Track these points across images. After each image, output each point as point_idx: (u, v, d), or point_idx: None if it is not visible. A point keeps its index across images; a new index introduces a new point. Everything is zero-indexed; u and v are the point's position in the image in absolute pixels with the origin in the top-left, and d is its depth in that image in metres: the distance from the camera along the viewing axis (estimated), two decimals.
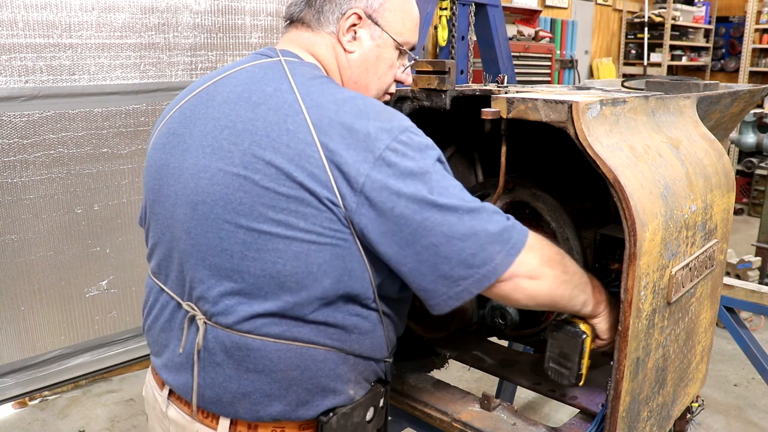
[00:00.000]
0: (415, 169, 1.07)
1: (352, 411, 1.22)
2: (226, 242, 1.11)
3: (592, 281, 1.29)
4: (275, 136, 1.08)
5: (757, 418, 3.44)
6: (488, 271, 1.08)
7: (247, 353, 1.14)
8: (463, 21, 3.94)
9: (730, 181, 1.64)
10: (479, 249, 1.07)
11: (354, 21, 1.25)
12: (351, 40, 1.27)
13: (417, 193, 1.06)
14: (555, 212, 1.59)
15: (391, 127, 1.10)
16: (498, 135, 1.42)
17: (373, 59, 1.29)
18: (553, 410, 3.42)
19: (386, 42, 1.29)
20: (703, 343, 1.66)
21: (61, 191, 3.16)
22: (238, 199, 1.09)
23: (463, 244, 1.06)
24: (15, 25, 2.85)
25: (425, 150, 1.11)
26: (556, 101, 1.24)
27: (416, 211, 1.06)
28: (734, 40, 9.41)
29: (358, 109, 1.11)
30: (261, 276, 1.10)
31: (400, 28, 1.30)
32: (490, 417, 1.47)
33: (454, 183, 1.11)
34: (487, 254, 1.08)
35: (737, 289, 2.57)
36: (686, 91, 1.70)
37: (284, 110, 1.10)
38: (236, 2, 3.50)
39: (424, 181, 1.07)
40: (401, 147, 1.08)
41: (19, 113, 2.96)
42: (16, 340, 3.20)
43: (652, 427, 1.43)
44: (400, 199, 1.06)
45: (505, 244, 1.09)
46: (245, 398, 1.16)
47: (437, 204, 1.06)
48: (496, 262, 1.08)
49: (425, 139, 1.14)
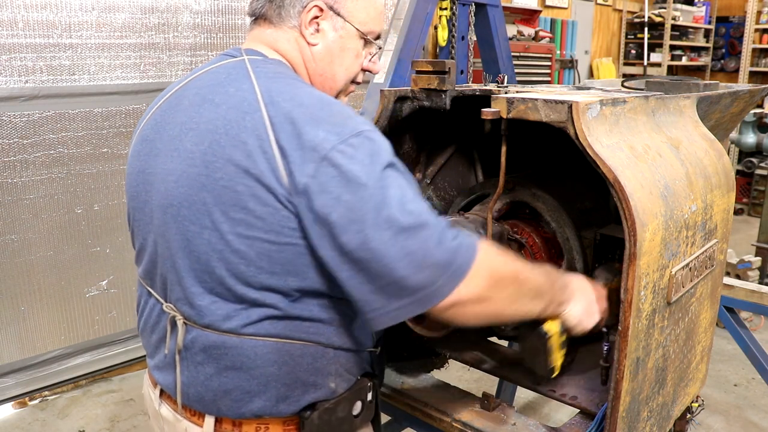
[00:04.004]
0: (360, 175, 1.03)
1: (335, 406, 1.21)
2: (194, 244, 1.13)
3: (552, 282, 1.25)
4: (234, 133, 1.08)
5: (757, 418, 3.44)
6: (425, 295, 1.03)
7: (224, 351, 1.16)
8: (463, 21, 3.94)
9: (730, 181, 1.64)
10: (414, 271, 1.02)
11: (316, 13, 1.25)
12: (314, 33, 1.27)
13: (356, 202, 1.02)
14: (555, 212, 1.59)
15: (342, 129, 1.07)
16: (498, 135, 1.42)
17: (338, 50, 1.29)
18: (553, 410, 3.42)
19: (350, 32, 1.28)
20: (703, 343, 1.66)
21: (61, 191, 3.16)
22: (202, 199, 1.10)
23: (396, 264, 1.01)
24: (15, 25, 2.85)
25: (376, 155, 1.06)
26: (556, 101, 1.24)
27: (352, 221, 1.02)
28: (734, 40, 9.40)
29: (313, 109, 1.09)
30: (228, 277, 1.11)
31: (364, 17, 1.29)
32: (490, 417, 1.47)
33: (402, 193, 1.05)
34: (424, 277, 1.02)
35: (737, 289, 2.57)
36: (686, 91, 1.70)
37: (243, 108, 1.10)
38: (236, 2, 3.50)
39: (368, 189, 1.02)
40: (349, 149, 1.04)
41: (19, 113, 2.96)
42: (16, 340, 3.20)
43: (652, 427, 1.43)
44: (338, 206, 1.02)
45: (447, 267, 1.03)
46: (226, 396, 1.17)
47: (374, 217, 1.01)
48: (435, 287, 1.03)
49: (379, 144, 1.09)
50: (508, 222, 1.67)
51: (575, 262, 1.57)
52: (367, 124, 1.11)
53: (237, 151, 1.07)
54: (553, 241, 1.64)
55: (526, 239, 1.65)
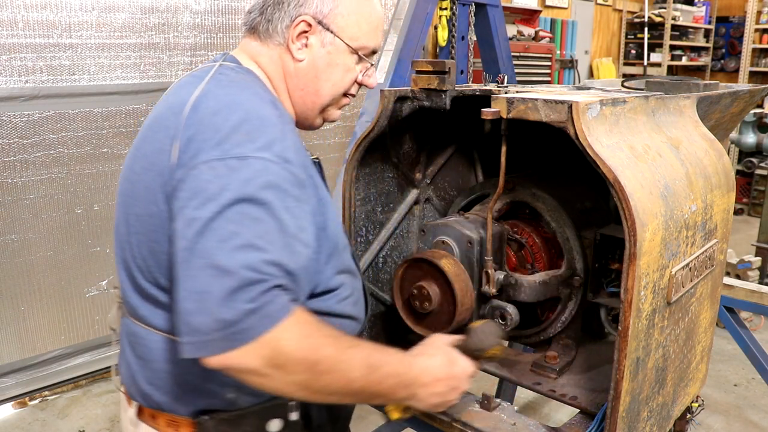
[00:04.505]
0: (207, 195, 0.99)
1: (238, 419, 1.16)
2: (124, 235, 1.19)
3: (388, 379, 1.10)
4: (161, 137, 1.12)
5: (757, 418, 3.44)
6: (196, 342, 0.96)
7: (136, 340, 1.21)
8: (463, 21, 3.94)
9: (730, 181, 1.64)
10: (197, 312, 0.95)
11: (303, 28, 1.23)
12: (301, 48, 1.25)
13: (190, 219, 0.99)
14: (555, 212, 1.59)
15: (232, 148, 1.02)
16: (498, 135, 1.42)
17: (323, 66, 1.26)
18: (553, 410, 3.42)
19: (339, 48, 1.25)
20: (703, 343, 1.66)
21: (61, 191, 3.16)
22: (125, 192, 1.19)
23: (186, 296, 0.96)
24: (15, 25, 2.85)
25: (245, 183, 0.99)
26: (556, 101, 1.24)
27: (181, 236, 0.99)
28: (734, 40, 9.40)
29: (225, 120, 1.06)
30: (135, 269, 1.17)
31: (355, 33, 1.26)
32: (490, 417, 1.47)
33: (235, 232, 0.97)
34: (202, 323, 0.95)
35: (737, 289, 2.58)
36: (686, 91, 1.70)
37: (174, 109, 1.12)
38: (236, 2, 3.50)
39: (204, 209, 0.98)
40: (221, 168, 1.00)
41: (19, 113, 2.95)
42: (16, 340, 3.19)
43: (652, 427, 1.43)
44: (180, 217, 1.01)
45: (226, 327, 0.94)
46: (138, 384, 1.21)
47: (192, 242, 0.97)
48: (207, 339, 0.95)
49: (260, 175, 1.01)
50: (508, 222, 1.67)
51: (575, 262, 1.57)
52: (267, 151, 1.04)
53: (153, 148, 1.12)
54: (553, 241, 1.64)
55: (526, 239, 1.65)
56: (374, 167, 1.72)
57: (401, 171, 1.80)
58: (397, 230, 1.84)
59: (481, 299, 1.54)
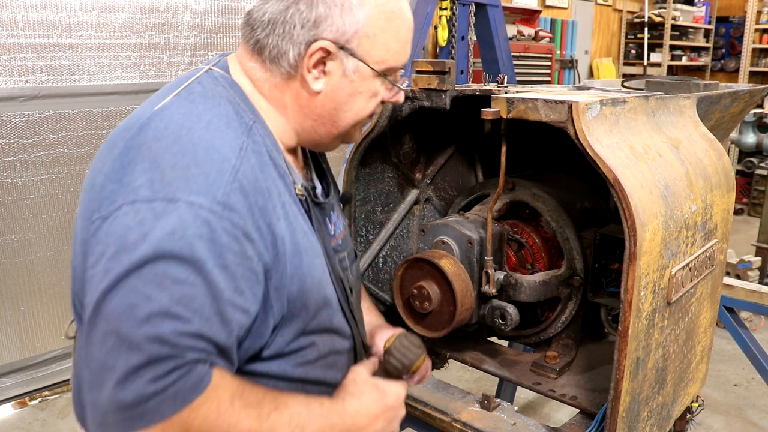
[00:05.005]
0: (128, 245, 0.85)
1: None
2: None
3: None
4: (106, 154, 1.01)
5: (757, 418, 3.44)
6: (96, 421, 0.86)
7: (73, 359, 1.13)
8: (463, 21, 3.94)
9: (730, 181, 1.64)
10: (94, 386, 0.86)
11: (321, 56, 1.04)
12: (318, 77, 1.06)
13: (103, 275, 0.86)
14: (555, 212, 1.59)
15: (163, 188, 0.89)
16: (498, 135, 1.42)
17: (345, 96, 1.08)
18: (553, 410, 3.42)
19: (364, 74, 1.07)
20: (703, 343, 1.66)
21: (61, 191, 3.16)
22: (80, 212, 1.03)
23: (87, 364, 0.88)
24: (15, 25, 2.85)
25: (169, 236, 0.85)
26: (556, 101, 1.24)
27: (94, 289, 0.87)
28: (734, 40, 9.40)
29: (167, 150, 0.92)
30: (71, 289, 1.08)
31: (383, 54, 1.07)
32: (490, 417, 1.47)
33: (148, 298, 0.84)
34: (96, 400, 0.85)
35: (737, 289, 2.58)
36: (686, 91, 1.70)
37: (128, 125, 1.01)
38: (236, 2, 3.49)
39: (117, 262, 0.85)
40: (145, 212, 0.87)
41: (19, 113, 2.95)
42: (16, 340, 3.19)
43: (652, 427, 1.43)
44: (95, 269, 0.88)
45: (125, 410, 0.83)
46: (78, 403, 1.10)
47: (100, 297, 0.86)
48: (105, 419, 0.85)
49: (200, 229, 0.87)
50: (508, 222, 1.67)
51: (575, 262, 1.57)
52: (205, 196, 0.89)
53: (97, 166, 1.02)
54: (553, 241, 1.64)
55: (526, 239, 1.65)
56: (374, 167, 1.73)
57: (401, 171, 1.81)
58: (397, 230, 1.84)
59: (481, 299, 1.55)
